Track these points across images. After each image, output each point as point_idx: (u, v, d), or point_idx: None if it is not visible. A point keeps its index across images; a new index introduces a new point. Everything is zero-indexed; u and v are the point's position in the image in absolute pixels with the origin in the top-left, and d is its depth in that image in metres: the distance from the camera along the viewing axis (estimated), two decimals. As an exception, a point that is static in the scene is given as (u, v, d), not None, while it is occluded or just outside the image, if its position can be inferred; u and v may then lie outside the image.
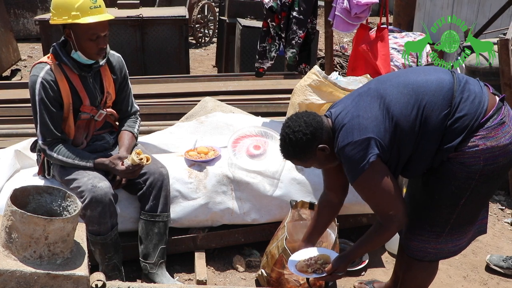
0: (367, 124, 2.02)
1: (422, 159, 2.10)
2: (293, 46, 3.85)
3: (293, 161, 2.24)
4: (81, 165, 2.68)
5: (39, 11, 10.31)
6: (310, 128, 2.10)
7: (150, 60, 6.36)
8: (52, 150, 2.67)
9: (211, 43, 10.76)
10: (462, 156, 2.02)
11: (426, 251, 2.26)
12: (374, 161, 2.00)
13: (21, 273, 1.69)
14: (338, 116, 2.13)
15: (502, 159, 2.03)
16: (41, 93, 2.59)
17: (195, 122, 3.61)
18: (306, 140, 2.09)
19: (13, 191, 1.80)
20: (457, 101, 2.01)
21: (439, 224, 2.18)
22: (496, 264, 3.14)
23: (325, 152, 2.13)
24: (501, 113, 2.04)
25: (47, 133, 2.66)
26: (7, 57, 7.30)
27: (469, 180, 2.04)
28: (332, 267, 2.30)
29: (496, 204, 4.04)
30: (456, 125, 2.00)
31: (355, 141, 2.01)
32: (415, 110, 2.02)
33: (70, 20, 2.54)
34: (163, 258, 2.85)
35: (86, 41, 2.59)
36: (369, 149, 2.00)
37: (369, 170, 2.01)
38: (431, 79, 2.07)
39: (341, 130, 2.08)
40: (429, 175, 2.16)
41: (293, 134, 2.10)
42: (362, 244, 2.25)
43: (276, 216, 3.09)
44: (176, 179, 2.99)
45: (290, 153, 2.17)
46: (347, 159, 2.06)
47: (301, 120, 2.13)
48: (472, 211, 2.19)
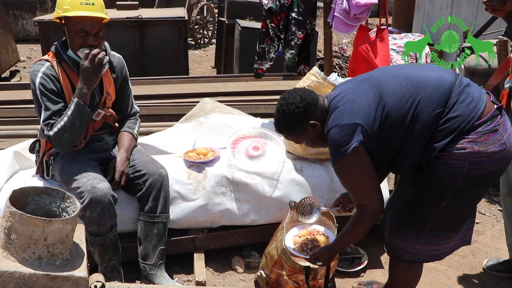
0: (358, 110, 2.06)
1: (409, 155, 2.11)
2: (292, 47, 3.86)
3: (284, 134, 2.32)
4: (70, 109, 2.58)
5: (38, 12, 10.31)
6: (304, 102, 2.17)
7: (149, 61, 6.36)
8: (51, 129, 2.60)
9: (210, 44, 10.77)
10: (448, 157, 2.03)
11: (404, 250, 2.28)
12: (357, 147, 2.03)
13: (20, 274, 1.68)
14: (335, 98, 2.18)
15: (488, 166, 2.02)
16: (41, 86, 2.59)
17: (194, 123, 3.60)
18: (298, 113, 2.16)
19: (12, 192, 1.79)
20: (453, 101, 2.02)
21: (419, 223, 2.19)
22: (493, 269, 3.14)
23: (316, 130, 2.19)
24: (495, 121, 2.03)
25: (48, 116, 2.61)
26: (6, 58, 7.30)
27: (453, 182, 2.05)
28: (315, 253, 2.40)
29: (495, 205, 4.04)
30: (446, 125, 2.01)
31: (343, 124, 2.05)
32: (409, 103, 2.04)
33: (62, 13, 2.60)
34: (162, 259, 2.85)
35: (74, 36, 2.61)
36: (354, 134, 2.03)
37: (351, 155, 2.04)
38: (433, 76, 2.09)
39: (333, 111, 2.13)
40: (415, 174, 2.18)
41: (286, 105, 2.19)
42: (344, 235, 2.30)
43: (275, 217, 3.08)
44: (175, 180, 2.99)
45: (281, 125, 2.25)
46: (332, 141, 2.10)
47: (297, 94, 2.21)
48: (454, 216, 2.19)
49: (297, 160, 3.18)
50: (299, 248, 2.58)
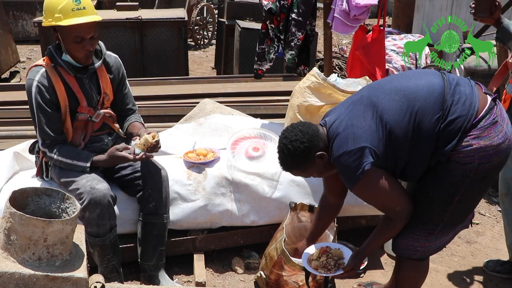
0: (361, 134, 2.05)
1: (419, 163, 2.12)
2: (292, 48, 3.86)
3: (293, 171, 2.28)
4: (78, 165, 2.67)
5: (38, 13, 10.30)
6: (307, 136, 2.14)
7: (149, 62, 6.36)
8: (52, 152, 2.67)
9: (210, 45, 10.76)
10: (457, 155, 2.04)
11: (414, 249, 2.28)
12: (369, 169, 2.03)
13: (20, 275, 1.68)
14: (333, 125, 2.16)
15: (495, 158, 2.05)
16: (37, 97, 2.60)
17: (194, 124, 3.60)
18: (304, 148, 2.13)
19: (12, 193, 1.79)
20: (449, 104, 2.04)
21: (432, 221, 2.19)
22: (492, 270, 3.13)
23: (323, 160, 2.17)
24: (493, 113, 2.06)
25: (45, 135, 2.66)
26: (6, 59, 7.30)
27: (464, 177, 2.06)
28: (349, 264, 2.35)
29: (494, 206, 4.04)
30: (449, 128, 2.02)
31: (350, 150, 2.05)
32: (407, 116, 2.05)
33: (54, 22, 2.54)
34: (162, 260, 2.85)
35: (71, 44, 2.58)
36: (363, 157, 2.03)
37: (366, 177, 2.05)
38: (422, 83, 2.09)
39: (335, 139, 2.12)
40: (425, 174, 2.18)
41: (290, 144, 2.14)
42: (375, 238, 2.29)
43: (275, 218, 3.08)
44: (175, 181, 2.99)
45: (289, 164, 2.21)
46: (343, 168, 2.10)
47: (297, 129, 2.17)
48: (465, 210, 2.21)
49: (297, 161, 3.18)
50: (326, 271, 2.41)
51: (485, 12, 2.60)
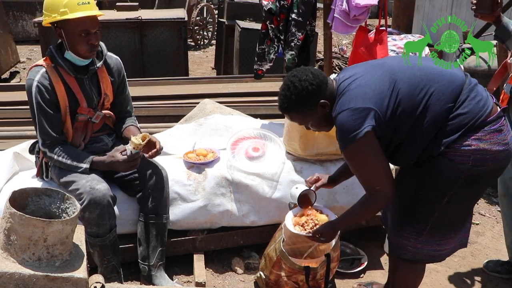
0: (372, 95, 2.02)
1: (413, 148, 2.09)
2: (292, 48, 3.85)
3: (291, 113, 2.21)
4: (78, 166, 2.67)
5: (38, 13, 10.30)
6: (317, 80, 2.11)
7: (149, 62, 6.36)
8: (52, 152, 2.67)
9: (210, 45, 10.76)
10: (452, 153, 2.03)
11: (405, 248, 2.28)
12: (369, 131, 1.98)
13: (19, 275, 1.68)
14: (345, 81, 2.12)
15: (490, 164, 2.04)
16: (37, 97, 2.60)
17: (194, 124, 3.60)
18: (312, 90, 2.09)
19: (12, 193, 1.79)
20: (464, 98, 2.04)
21: (421, 220, 2.19)
22: (492, 271, 3.13)
23: (325, 110, 2.13)
24: (500, 122, 2.07)
25: (45, 136, 2.66)
26: (6, 59, 7.30)
27: (456, 178, 2.05)
28: (317, 230, 2.37)
29: (494, 206, 4.04)
30: (455, 121, 2.02)
31: (356, 107, 2.00)
32: (422, 93, 2.03)
33: (59, 16, 2.56)
34: (162, 260, 2.85)
35: (76, 37, 2.59)
36: (367, 118, 1.99)
37: (362, 140, 1.99)
38: (446, 71, 2.10)
39: (344, 94, 2.07)
40: (417, 170, 2.17)
41: (299, 82, 2.10)
42: (348, 214, 2.28)
43: (275, 218, 3.08)
44: (175, 181, 2.99)
45: (291, 103, 2.14)
46: (342, 125, 2.04)
47: (308, 71, 2.14)
48: (455, 214, 2.19)
49: (297, 161, 3.18)
50: (301, 228, 2.51)
51: (486, 8, 2.60)
